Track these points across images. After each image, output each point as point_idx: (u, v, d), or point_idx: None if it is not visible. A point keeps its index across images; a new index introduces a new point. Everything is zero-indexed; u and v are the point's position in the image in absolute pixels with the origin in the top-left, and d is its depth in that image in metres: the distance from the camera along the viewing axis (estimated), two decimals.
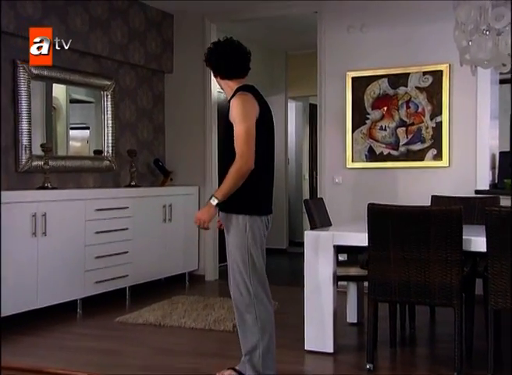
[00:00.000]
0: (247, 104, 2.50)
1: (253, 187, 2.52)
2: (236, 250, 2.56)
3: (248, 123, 2.45)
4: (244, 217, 2.53)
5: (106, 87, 4.91)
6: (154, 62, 5.41)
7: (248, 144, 2.41)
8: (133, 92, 5.29)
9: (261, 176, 2.54)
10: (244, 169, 2.40)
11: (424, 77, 4.63)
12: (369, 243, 2.86)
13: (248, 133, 2.43)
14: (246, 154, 2.40)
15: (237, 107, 2.47)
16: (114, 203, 4.45)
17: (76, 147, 4.89)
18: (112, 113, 4.97)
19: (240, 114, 2.46)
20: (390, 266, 2.83)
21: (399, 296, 2.84)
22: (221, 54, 2.59)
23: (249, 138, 2.42)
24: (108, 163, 4.96)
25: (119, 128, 5.09)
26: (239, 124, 2.44)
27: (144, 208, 4.74)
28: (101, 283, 4.33)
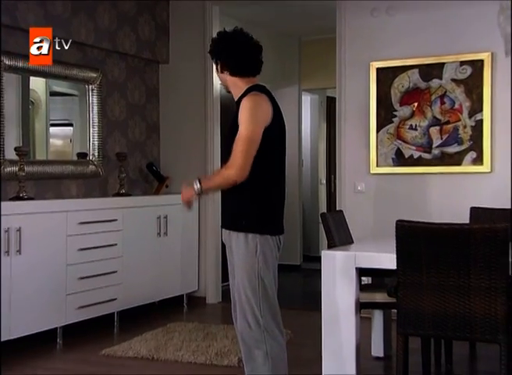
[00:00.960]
0: (259, 107, 2.52)
1: (265, 203, 2.54)
2: (245, 274, 2.55)
3: (255, 128, 2.48)
4: (255, 236, 2.54)
5: (91, 79, 4.89)
6: (147, 51, 5.40)
7: (247, 152, 2.45)
8: (123, 86, 5.28)
9: (272, 189, 2.57)
10: (233, 179, 2.46)
11: (461, 68, 4.57)
12: (398, 266, 2.80)
13: (251, 140, 2.45)
14: (241, 164, 2.44)
15: (247, 109, 2.49)
16: (100, 215, 4.45)
17: (58, 146, 4.89)
18: (98, 110, 4.97)
19: (249, 117, 2.48)
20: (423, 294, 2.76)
21: (433, 329, 2.78)
22: (232, 46, 2.61)
23: (250, 146, 2.45)
24: (93, 168, 4.95)
25: (106, 127, 5.09)
26: (244, 127, 2.47)
27: (135, 221, 4.75)
28: (86, 308, 4.32)
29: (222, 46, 2.62)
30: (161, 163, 5.62)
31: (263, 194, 2.53)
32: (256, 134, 2.47)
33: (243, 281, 2.54)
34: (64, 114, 4.99)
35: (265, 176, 2.52)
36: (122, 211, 4.63)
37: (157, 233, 4.95)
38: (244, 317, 2.55)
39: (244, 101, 2.52)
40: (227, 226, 2.60)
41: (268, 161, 2.53)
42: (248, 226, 2.54)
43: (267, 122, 2.51)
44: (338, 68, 5.01)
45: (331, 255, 3.16)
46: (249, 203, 2.52)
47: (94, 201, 4.56)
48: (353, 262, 3.07)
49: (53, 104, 4.76)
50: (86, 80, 4.85)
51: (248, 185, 2.52)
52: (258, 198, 2.53)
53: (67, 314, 4.19)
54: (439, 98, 4.64)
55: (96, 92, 4.94)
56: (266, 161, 2.52)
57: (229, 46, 2.61)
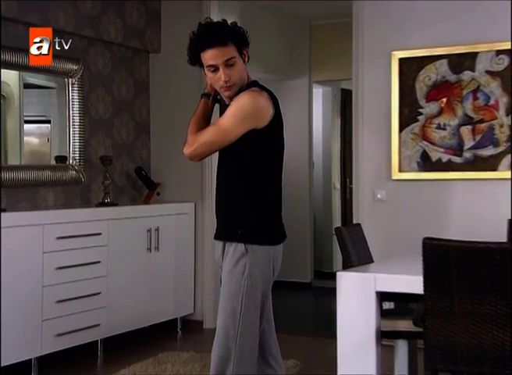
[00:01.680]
0: (255, 108, 2.58)
1: (264, 208, 2.67)
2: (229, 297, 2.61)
3: (236, 128, 2.56)
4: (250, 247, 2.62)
5: (71, 72, 4.89)
6: (136, 39, 5.41)
7: (212, 144, 2.59)
8: (108, 79, 5.28)
9: (271, 193, 2.70)
10: (186, 156, 2.64)
11: (497, 58, 4.55)
12: (425, 291, 2.77)
13: (224, 136, 2.57)
14: (198, 147, 2.59)
15: (241, 104, 2.56)
16: (82, 228, 4.45)
17: (33, 145, 4.90)
18: (79, 107, 4.98)
19: (238, 113, 2.56)
20: (455, 324, 2.73)
21: (467, 365, 2.74)
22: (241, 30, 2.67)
23: (219, 139, 2.58)
24: (74, 174, 4.95)
25: (88, 127, 5.09)
26: (227, 119, 2.56)
27: (122, 234, 4.76)
28: (64, 336, 4.30)
29: (240, 29, 2.65)
30: (152, 168, 5.63)
31: (262, 199, 2.64)
32: (233, 134, 2.56)
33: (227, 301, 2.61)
34: (40, 109, 5.01)
35: (265, 178, 2.64)
36: (107, 223, 4.64)
37: (147, 248, 4.96)
38: (218, 347, 2.62)
39: (243, 94, 2.58)
40: (222, 236, 2.67)
41: (268, 163, 2.65)
42: (245, 236, 2.61)
43: (258, 124, 2.57)
44: (354, 57, 5.00)
45: (347, 276, 3.13)
46: (252, 212, 2.62)
47: (75, 213, 4.56)
48: (373, 285, 3.04)
49: (27, 97, 4.76)
50: (65, 72, 4.85)
51: (247, 189, 2.62)
52: (261, 207, 2.64)
53: (43, 343, 4.18)
54: (472, 92, 4.62)
55: (77, 86, 4.94)
56: (266, 163, 2.64)
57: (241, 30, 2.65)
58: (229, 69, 2.58)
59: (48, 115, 5.01)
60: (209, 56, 2.57)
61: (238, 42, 2.61)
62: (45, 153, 4.97)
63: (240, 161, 2.63)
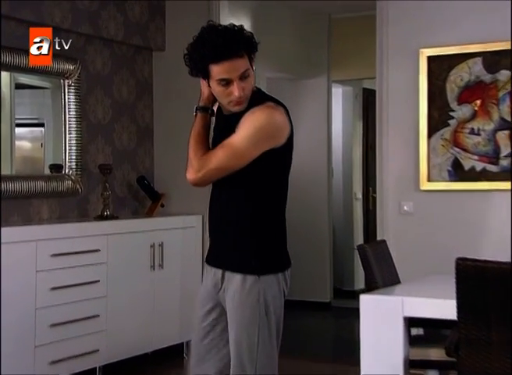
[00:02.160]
0: (273, 126, 2.56)
1: (276, 236, 2.66)
2: (243, 328, 2.59)
3: (253, 149, 2.53)
4: (267, 278, 2.62)
5: (68, 72, 4.91)
6: (138, 36, 5.43)
7: (224, 168, 2.54)
8: (108, 79, 5.30)
9: (281, 219, 2.69)
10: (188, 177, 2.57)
11: None
12: (459, 317, 2.73)
13: (238, 157, 2.53)
14: (207, 172, 2.55)
15: (257, 122, 2.53)
16: (79, 244, 4.45)
17: (26, 151, 4.91)
18: (76, 110, 5.00)
19: (253, 132, 2.52)
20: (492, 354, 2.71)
21: None
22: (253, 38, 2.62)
23: (231, 162, 2.54)
24: (70, 184, 4.96)
25: (86, 132, 5.11)
26: (240, 138, 2.52)
27: (123, 251, 4.77)
28: (60, 363, 4.29)
29: (251, 35, 2.61)
30: (156, 177, 5.63)
31: (274, 225, 2.64)
32: (248, 157, 2.53)
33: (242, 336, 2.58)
34: (33, 111, 5.03)
35: (277, 202, 2.64)
36: (107, 238, 4.63)
37: (150, 265, 4.95)
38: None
39: (258, 111, 2.54)
40: (226, 264, 2.62)
41: (280, 185, 2.65)
42: (259, 267, 2.60)
43: (275, 144, 2.56)
44: (378, 55, 5.01)
45: (372, 299, 3.11)
46: (262, 239, 2.61)
47: (71, 227, 4.56)
48: (401, 309, 3.00)
49: (19, 98, 4.78)
50: (61, 73, 4.86)
51: (258, 214, 2.61)
52: (271, 233, 2.63)
53: (36, 371, 4.17)
54: (509, 94, 4.60)
55: (73, 88, 4.96)
56: (278, 185, 2.64)
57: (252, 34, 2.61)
58: (244, 82, 2.52)
59: (41, 117, 5.03)
60: (223, 69, 2.48)
61: (250, 51, 2.57)
62: (39, 160, 4.98)
63: (250, 183, 2.60)
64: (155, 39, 5.53)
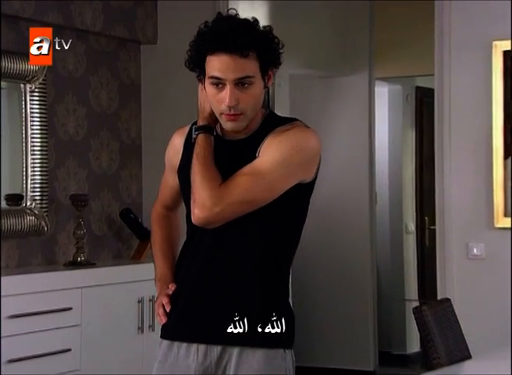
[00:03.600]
0: (310, 155, 2.62)
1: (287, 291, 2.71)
2: None
3: (284, 179, 2.57)
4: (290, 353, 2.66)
5: (29, 74, 4.90)
6: (122, 26, 5.44)
7: (250, 201, 2.56)
8: (82, 83, 5.32)
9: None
10: (198, 213, 2.56)
11: None
12: None
13: (267, 187, 2.56)
14: (227, 206, 2.54)
15: (297, 146, 2.57)
16: (45, 301, 4.44)
17: None
18: (41, 124, 4.99)
19: (290, 159, 2.56)
20: None
21: None
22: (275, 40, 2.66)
23: (259, 193, 2.56)
24: (33, 220, 4.95)
25: (54, 151, 5.12)
26: (269, 164, 2.56)
27: (102, 308, 4.74)
28: None
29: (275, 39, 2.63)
30: (145, 209, 5.63)
31: (287, 280, 2.70)
32: (278, 190, 2.56)
33: None
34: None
35: (294, 249, 2.70)
36: (81, 293, 4.62)
37: (138, 327, 4.94)
38: None
39: (288, 131, 2.59)
40: (233, 337, 2.59)
41: (301, 226, 2.70)
42: (288, 336, 2.62)
43: (306, 176, 2.61)
44: (438, 47, 5.04)
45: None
46: (284, 297, 2.66)
47: (34, 278, 4.54)
48: None
49: None
50: (20, 75, 4.86)
51: (277, 266, 2.64)
52: (287, 289, 2.69)
53: None
54: None
55: (37, 95, 4.95)
56: (300, 227, 2.69)
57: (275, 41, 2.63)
58: (242, 92, 2.53)
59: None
60: (217, 64, 2.53)
61: (265, 57, 2.57)
62: None
63: (268, 225, 2.61)
64: (144, 29, 5.55)
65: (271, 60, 2.58)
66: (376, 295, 7.16)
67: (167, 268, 2.85)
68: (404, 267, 7.84)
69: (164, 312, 2.71)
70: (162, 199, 2.98)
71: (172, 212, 2.96)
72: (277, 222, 2.61)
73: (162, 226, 2.97)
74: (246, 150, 2.59)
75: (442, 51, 5.01)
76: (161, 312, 2.71)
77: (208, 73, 2.54)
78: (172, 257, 2.85)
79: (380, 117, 7.63)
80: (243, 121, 2.57)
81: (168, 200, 2.93)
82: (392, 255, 7.82)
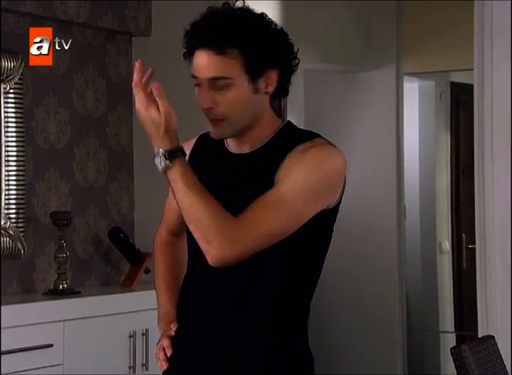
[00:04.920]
0: (335, 177, 2.66)
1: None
2: None
3: (309, 207, 2.60)
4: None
5: (4, 72, 4.92)
6: (110, 16, 5.46)
7: (272, 232, 2.58)
8: (65, 82, 5.35)
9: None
10: (213, 249, 2.55)
11: None
12: None
13: (292, 216, 2.59)
14: (248, 239, 2.56)
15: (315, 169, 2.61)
16: (21, 337, 4.46)
17: None
18: (17, 130, 5.00)
19: (315, 184, 2.60)
20: None
21: None
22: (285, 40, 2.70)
23: (282, 224, 2.58)
24: (7, 242, 4.95)
25: (32, 161, 5.14)
26: (298, 193, 2.58)
27: (88, 345, 4.77)
28: None
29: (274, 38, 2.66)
30: (137, 227, 5.71)
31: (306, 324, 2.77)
32: (304, 216, 2.59)
33: None
34: None
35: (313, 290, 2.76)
36: (63, 327, 4.65)
37: (129, 366, 4.97)
38: None
39: (310, 151, 2.61)
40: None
41: (322, 262, 2.76)
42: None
43: (330, 201, 2.66)
44: (477, 37, 5.06)
45: None
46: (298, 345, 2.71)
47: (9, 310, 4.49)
48: None
49: None
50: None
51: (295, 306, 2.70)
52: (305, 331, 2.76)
53: None
54: None
55: (13, 96, 4.96)
56: (321, 263, 2.75)
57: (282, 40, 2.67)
58: (219, 94, 2.59)
59: None
60: (195, 61, 2.64)
61: (251, 56, 2.59)
62: None
63: (287, 260, 2.64)
64: (136, 19, 5.57)
65: (260, 60, 2.60)
66: (405, 326, 7.14)
67: (171, 305, 2.86)
68: (438, 293, 7.87)
69: (165, 357, 2.73)
70: (166, 222, 2.99)
71: (178, 237, 2.97)
72: (297, 255, 2.65)
73: (166, 254, 2.98)
74: (251, 165, 2.65)
75: (482, 41, 5.02)
76: (162, 357, 2.74)
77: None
78: (177, 291, 2.85)
79: (409, 118, 7.64)
80: (226, 128, 2.63)
81: (173, 224, 2.95)
82: (423, 278, 7.83)
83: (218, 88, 2.58)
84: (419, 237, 7.86)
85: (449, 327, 7.73)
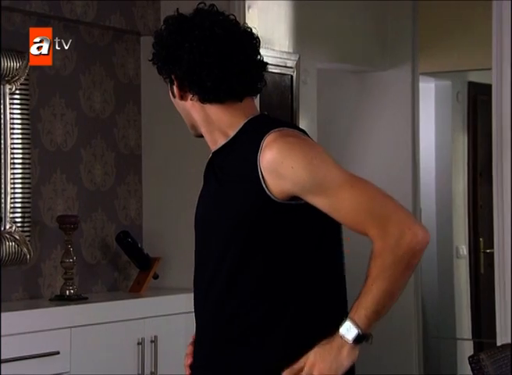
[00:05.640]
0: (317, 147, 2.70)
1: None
2: None
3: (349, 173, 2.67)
4: None
5: (9, 73, 4.92)
6: (118, 14, 5.47)
7: (391, 199, 2.62)
8: (72, 82, 5.36)
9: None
10: (418, 246, 2.57)
11: None
12: None
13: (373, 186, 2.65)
14: (406, 214, 2.61)
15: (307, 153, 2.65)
16: (27, 344, 4.46)
17: None
18: (23, 132, 5.02)
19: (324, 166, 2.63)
20: None
21: None
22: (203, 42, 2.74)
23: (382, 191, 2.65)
24: (13, 247, 4.96)
25: (39, 164, 5.15)
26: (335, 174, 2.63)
27: (95, 352, 4.78)
28: None
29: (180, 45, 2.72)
30: (145, 232, 5.70)
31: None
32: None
33: None
34: None
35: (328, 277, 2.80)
36: (70, 333, 4.64)
37: (138, 373, 4.98)
38: None
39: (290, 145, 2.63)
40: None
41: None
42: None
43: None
44: (495, 35, 5.04)
45: None
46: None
47: (14, 317, 4.53)
48: None
49: None
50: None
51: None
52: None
53: None
54: None
55: (19, 97, 4.97)
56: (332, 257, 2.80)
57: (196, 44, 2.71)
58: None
59: None
60: None
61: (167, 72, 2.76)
62: None
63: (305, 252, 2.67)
64: (145, 18, 5.59)
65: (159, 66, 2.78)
66: (421, 333, 7.14)
67: None
68: (455, 299, 7.85)
69: (188, 363, 2.82)
70: None
71: None
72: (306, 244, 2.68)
73: None
74: (217, 166, 2.74)
75: (500, 40, 4.99)
76: (186, 363, 2.82)
77: None
78: None
79: (426, 119, 7.68)
80: (194, 129, 2.82)
81: None
82: (440, 283, 7.82)
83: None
84: (435, 241, 7.81)
85: (466, 334, 7.70)
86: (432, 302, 7.69)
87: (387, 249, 2.54)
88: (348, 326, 2.56)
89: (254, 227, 2.62)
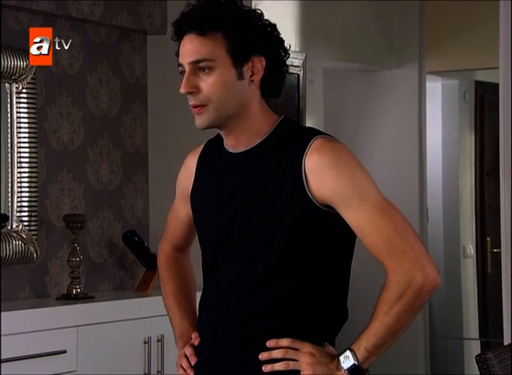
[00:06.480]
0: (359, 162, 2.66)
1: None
2: None
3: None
4: None
5: (16, 72, 4.94)
6: (125, 14, 5.48)
7: (413, 233, 2.62)
8: (78, 81, 5.36)
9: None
10: (427, 287, 2.59)
11: None
12: None
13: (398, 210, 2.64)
14: (423, 250, 2.60)
15: (353, 165, 2.63)
16: (34, 342, 4.44)
17: None
18: (30, 131, 5.02)
19: (365, 176, 2.63)
20: None
21: None
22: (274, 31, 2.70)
23: (407, 223, 2.64)
24: (19, 246, 4.96)
25: (45, 164, 5.16)
26: (373, 194, 2.62)
27: (101, 351, 4.76)
28: None
29: (260, 26, 2.66)
30: (152, 231, 5.71)
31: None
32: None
33: None
34: None
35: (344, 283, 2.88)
36: (77, 332, 4.64)
37: (145, 373, 4.97)
38: None
39: (340, 154, 2.61)
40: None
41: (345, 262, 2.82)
42: None
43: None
44: (502, 36, 5.08)
45: None
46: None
47: (21, 315, 4.56)
48: None
49: None
50: (5, 73, 4.88)
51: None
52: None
53: None
54: None
55: (25, 97, 4.98)
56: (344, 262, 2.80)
57: (270, 30, 2.67)
58: (201, 79, 2.59)
59: None
60: (180, 50, 2.63)
61: (234, 37, 2.59)
62: None
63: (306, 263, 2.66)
64: (152, 17, 5.59)
65: (244, 44, 2.59)
66: (428, 333, 7.13)
67: (188, 324, 2.90)
68: (462, 298, 7.82)
69: (189, 365, 2.75)
70: (172, 237, 3.03)
71: (183, 252, 3.02)
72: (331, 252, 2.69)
73: (175, 272, 3.02)
74: (247, 167, 2.65)
75: (508, 38, 5.02)
76: (186, 365, 2.76)
77: None
78: (191, 308, 2.91)
79: (432, 118, 7.63)
80: (209, 115, 2.59)
81: (178, 239, 3.01)
82: (447, 283, 7.73)
83: (201, 72, 2.58)
84: (442, 240, 7.81)
85: (473, 334, 7.67)
86: (439, 302, 7.65)
87: (395, 284, 2.57)
88: (347, 355, 2.58)
89: (293, 229, 2.60)
